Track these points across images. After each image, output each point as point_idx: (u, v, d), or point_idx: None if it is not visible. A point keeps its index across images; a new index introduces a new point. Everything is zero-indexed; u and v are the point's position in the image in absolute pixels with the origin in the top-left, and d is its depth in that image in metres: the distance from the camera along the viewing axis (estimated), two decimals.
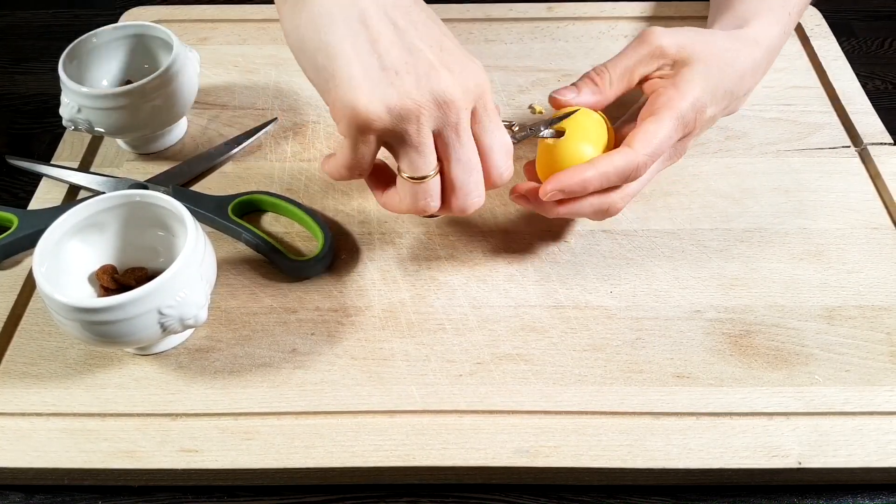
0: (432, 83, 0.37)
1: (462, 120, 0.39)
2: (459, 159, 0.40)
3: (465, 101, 0.38)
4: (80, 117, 0.51)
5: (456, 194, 0.41)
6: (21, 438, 0.41)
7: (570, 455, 0.40)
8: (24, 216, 0.50)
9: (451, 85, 0.38)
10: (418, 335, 0.46)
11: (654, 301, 0.47)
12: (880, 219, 0.52)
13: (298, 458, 0.41)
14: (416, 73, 0.37)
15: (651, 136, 0.43)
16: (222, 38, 0.66)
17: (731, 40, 0.47)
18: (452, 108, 0.38)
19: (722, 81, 0.46)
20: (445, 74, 0.38)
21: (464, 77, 0.38)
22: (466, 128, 0.39)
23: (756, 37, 0.48)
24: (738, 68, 0.47)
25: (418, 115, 0.37)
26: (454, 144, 0.39)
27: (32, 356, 0.45)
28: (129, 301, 0.39)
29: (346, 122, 0.38)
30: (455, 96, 0.38)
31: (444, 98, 0.37)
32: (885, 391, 0.43)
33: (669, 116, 0.43)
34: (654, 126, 0.43)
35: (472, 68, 0.39)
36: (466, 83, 0.38)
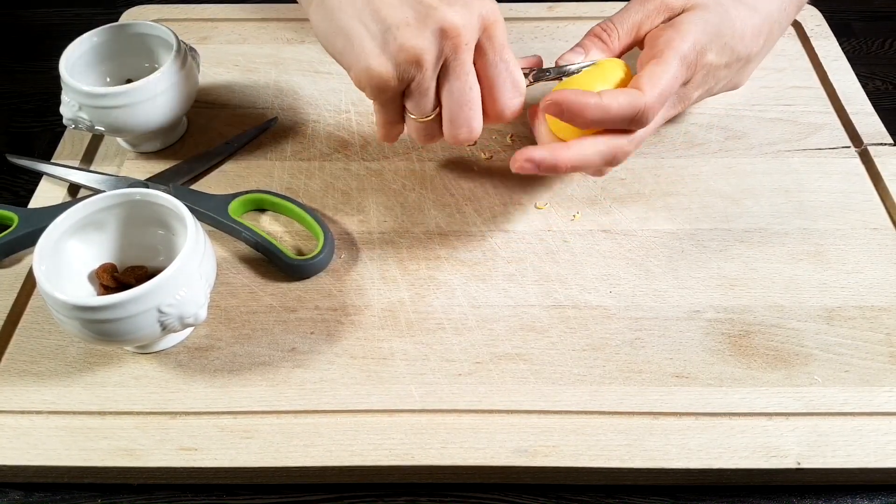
0: (430, 21, 0.40)
1: (460, 51, 0.41)
2: (451, 92, 0.42)
3: (467, 32, 0.40)
4: (80, 116, 0.51)
5: (448, 126, 0.43)
6: (21, 436, 0.41)
7: (569, 455, 0.40)
8: (25, 214, 0.50)
9: (450, 16, 0.40)
10: (417, 334, 0.46)
11: (654, 301, 0.47)
12: (880, 219, 0.52)
13: (297, 456, 0.41)
14: (415, 21, 0.40)
15: (657, 77, 0.42)
16: (223, 37, 0.66)
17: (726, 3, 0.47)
18: (450, 38, 0.40)
19: (721, 29, 0.45)
20: (444, 9, 0.40)
21: (467, 9, 0.40)
22: (465, 60, 0.41)
23: (755, 4, 0.48)
24: (738, 26, 0.46)
25: (419, 60, 0.40)
26: (449, 78, 0.42)
27: (32, 354, 0.45)
28: (128, 299, 0.39)
29: (367, 89, 0.42)
30: (455, 26, 0.40)
31: (443, 29, 0.40)
32: (884, 392, 0.43)
33: (673, 56, 0.43)
34: (659, 68, 0.43)
35: (477, 2, 0.41)
36: (469, 15, 0.40)
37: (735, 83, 0.51)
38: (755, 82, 0.61)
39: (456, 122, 0.43)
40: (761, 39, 0.48)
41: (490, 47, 0.42)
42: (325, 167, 0.56)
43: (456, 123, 0.43)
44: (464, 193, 0.54)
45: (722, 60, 0.46)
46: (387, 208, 0.53)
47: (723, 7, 0.46)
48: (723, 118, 0.59)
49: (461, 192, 0.54)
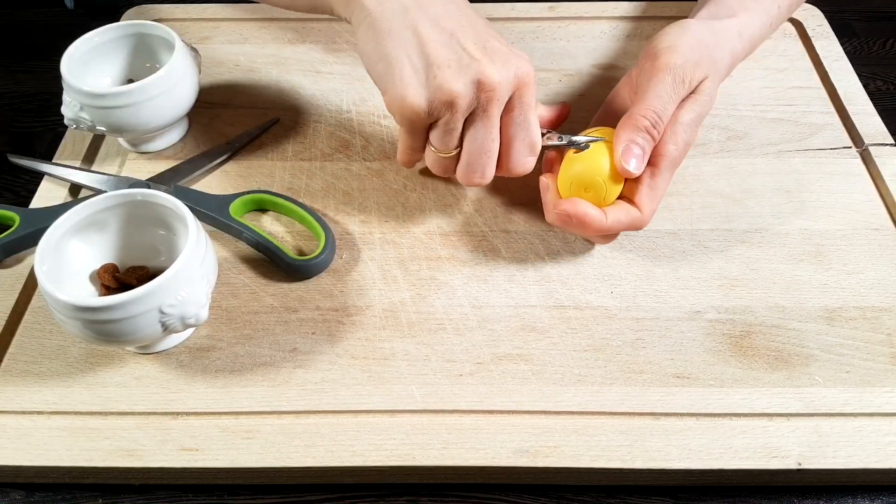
0: (471, 72, 0.42)
1: (492, 105, 0.43)
2: (475, 139, 0.45)
3: (503, 88, 0.43)
4: (81, 116, 0.51)
5: (462, 168, 0.46)
6: (22, 436, 0.41)
7: (570, 455, 0.40)
8: (26, 215, 0.50)
9: (490, 71, 0.42)
10: (419, 335, 0.46)
11: (655, 301, 0.47)
12: (881, 220, 0.52)
13: (299, 457, 0.41)
14: (458, 65, 0.42)
15: (654, 193, 0.46)
16: (223, 37, 0.66)
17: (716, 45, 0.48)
18: (486, 91, 0.42)
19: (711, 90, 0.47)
20: (486, 62, 0.42)
21: (506, 67, 0.43)
22: (493, 114, 0.44)
23: (740, 29, 0.49)
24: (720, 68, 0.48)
25: (453, 103, 0.42)
26: (476, 125, 0.44)
27: (34, 354, 0.45)
28: (130, 300, 0.39)
29: (398, 115, 0.44)
30: (492, 81, 0.42)
31: (480, 81, 0.42)
32: (885, 392, 0.43)
33: (665, 165, 0.45)
34: (654, 181, 0.45)
35: (516, 61, 0.43)
36: (507, 72, 0.43)
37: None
38: (756, 82, 0.61)
39: (472, 167, 0.46)
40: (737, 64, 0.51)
41: (518, 106, 0.44)
42: (326, 167, 0.56)
43: (472, 168, 0.46)
44: (465, 194, 0.54)
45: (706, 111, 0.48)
46: (388, 208, 0.53)
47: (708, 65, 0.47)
48: (724, 118, 0.59)
49: (462, 193, 0.54)
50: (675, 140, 0.45)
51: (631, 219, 0.45)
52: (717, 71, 0.47)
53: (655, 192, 0.46)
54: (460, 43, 0.43)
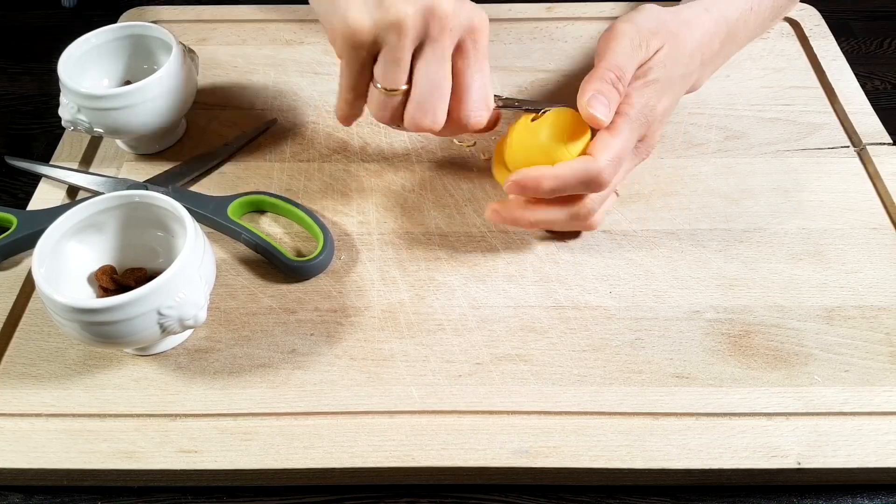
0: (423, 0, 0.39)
1: (444, 38, 0.41)
2: (426, 74, 0.42)
3: (455, 19, 0.40)
4: (79, 118, 0.51)
5: (412, 107, 0.42)
6: (20, 439, 0.41)
7: (570, 455, 0.40)
8: (24, 216, 0.50)
9: (443, 2, 0.39)
10: (417, 335, 0.46)
11: (654, 301, 0.47)
12: (879, 219, 0.52)
13: (298, 458, 0.41)
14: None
15: (608, 144, 0.43)
16: (221, 38, 0.66)
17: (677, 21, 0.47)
18: (437, 21, 0.40)
19: (672, 72, 0.46)
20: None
21: (459, 4, 0.40)
22: (446, 45, 0.41)
23: (707, 5, 0.48)
24: (686, 50, 0.46)
25: (400, 26, 0.39)
26: (428, 57, 0.41)
27: (32, 357, 0.45)
28: (128, 302, 0.39)
29: (339, 41, 0.41)
30: (444, 11, 0.40)
31: (431, 10, 0.39)
32: (884, 391, 0.43)
33: (623, 122, 0.44)
34: (610, 135, 0.44)
35: (472, 5, 0.41)
36: (460, 8, 0.40)
37: (693, 89, 0.51)
38: (754, 82, 0.61)
39: (423, 106, 0.42)
40: (716, 42, 0.48)
41: (473, 50, 0.42)
42: (324, 168, 0.56)
43: (423, 107, 0.42)
44: (463, 194, 0.53)
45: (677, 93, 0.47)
46: (386, 209, 0.53)
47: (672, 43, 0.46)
48: (722, 118, 0.59)
49: (461, 193, 0.54)
50: (631, 101, 0.44)
51: (584, 166, 0.43)
52: (678, 44, 0.46)
53: (611, 145, 0.43)
54: None
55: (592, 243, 0.50)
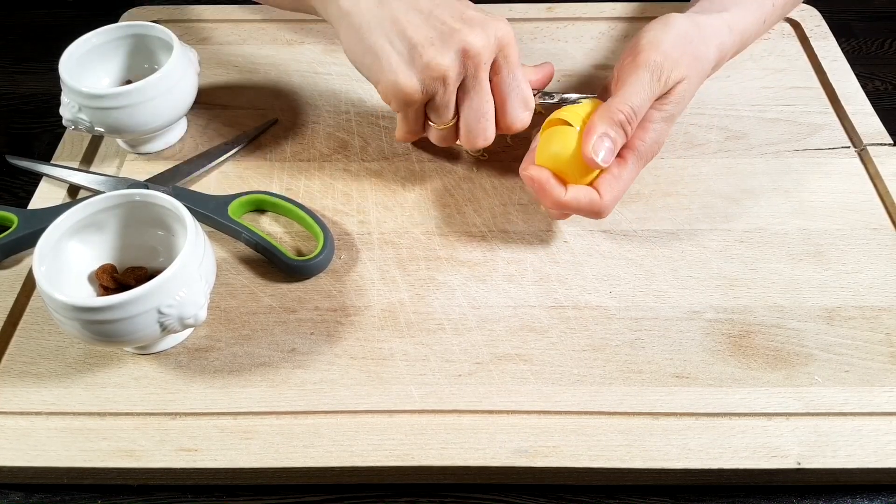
0: (454, 42, 0.44)
1: (480, 70, 0.45)
2: (471, 106, 0.47)
3: (487, 52, 0.45)
4: (80, 117, 0.51)
5: (464, 135, 0.48)
6: (21, 437, 0.41)
7: (569, 455, 0.40)
8: (24, 215, 0.50)
9: (472, 38, 0.44)
10: (417, 335, 0.46)
11: (654, 301, 0.47)
12: (880, 219, 0.52)
13: (297, 457, 0.41)
14: (440, 41, 0.44)
15: (614, 183, 0.46)
16: (222, 38, 0.66)
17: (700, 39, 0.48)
18: (472, 58, 0.44)
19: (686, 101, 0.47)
20: (466, 31, 0.44)
21: (486, 31, 0.45)
22: (483, 78, 0.46)
23: (731, 23, 0.50)
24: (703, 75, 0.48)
25: (444, 77, 0.45)
26: (469, 93, 0.46)
27: (32, 355, 0.45)
28: (128, 300, 0.39)
29: (394, 101, 0.47)
30: (475, 47, 0.44)
31: (465, 49, 0.44)
32: (884, 392, 0.43)
33: (631, 157, 0.46)
34: (618, 169, 0.46)
35: (494, 24, 0.45)
36: (488, 36, 0.45)
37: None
38: (755, 82, 0.61)
39: (474, 132, 0.48)
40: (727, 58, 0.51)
41: (505, 66, 0.46)
42: (324, 168, 0.56)
43: (474, 133, 0.48)
44: (463, 194, 0.54)
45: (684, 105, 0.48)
46: (386, 209, 0.53)
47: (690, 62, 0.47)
48: (722, 118, 0.59)
49: (461, 193, 0.54)
50: (644, 137, 0.46)
51: (589, 200, 0.45)
52: (700, 70, 0.47)
53: (618, 181, 0.46)
54: (438, 19, 0.45)
55: (592, 243, 0.50)
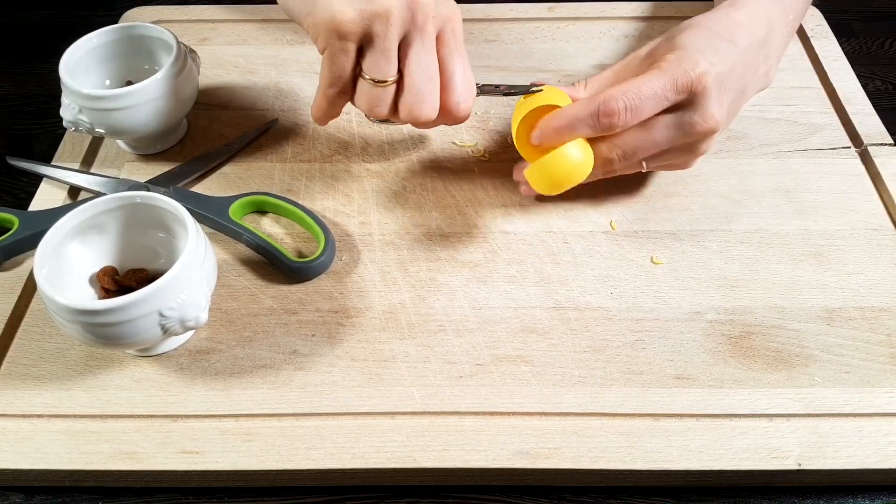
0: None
1: (428, 27, 0.42)
2: (420, 61, 0.42)
3: (435, 11, 0.41)
4: (80, 118, 0.51)
5: (409, 98, 0.43)
6: (22, 440, 0.41)
7: (571, 456, 0.40)
8: (25, 217, 0.50)
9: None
10: (419, 336, 0.46)
11: (654, 302, 0.47)
12: (881, 220, 0.52)
13: (299, 459, 0.41)
14: None
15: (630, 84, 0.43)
16: (222, 38, 0.66)
17: (703, 15, 0.48)
18: (420, 10, 0.41)
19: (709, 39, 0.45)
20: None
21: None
22: (431, 33, 0.42)
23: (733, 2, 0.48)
24: (721, 27, 0.46)
25: (387, 16, 0.40)
26: (417, 46, 0.42)
27: (33, 357, 0.45)
28: (129, 303, 0.39)
29: (324, 33, 0.41)
30: (426, 1, 0.41)
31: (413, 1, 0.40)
32: (885, 393, 0.43)
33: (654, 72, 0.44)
34: (637, 79, 0.44)
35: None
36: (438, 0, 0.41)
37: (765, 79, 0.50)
38: None
39: (420, 96, 0.43)
40: (762, 28, 0.47)
41: (452, 39, 0.43)
42: (325, 169, 0.56)
43: (420, 96, 0.43)
44: (464, 195, 0.54)
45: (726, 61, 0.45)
46: (387, 210, 0.53)
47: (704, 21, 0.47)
48: None
49: (462, 194, 0.54)
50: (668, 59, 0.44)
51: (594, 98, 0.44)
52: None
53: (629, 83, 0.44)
54: None
55: (593, 244, 0.50)
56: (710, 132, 0.45)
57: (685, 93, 0.44)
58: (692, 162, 0.49)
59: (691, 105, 0.44)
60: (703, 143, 0.46)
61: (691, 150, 0.47)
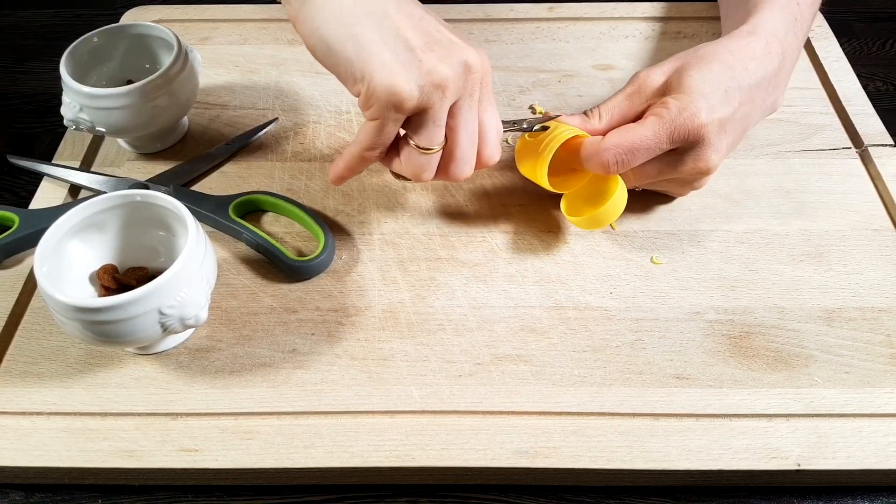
0: (455, 53, 0.40)
1: (476, 92, 0.42)
2: (467, 128, 0.42)
3: (482, 72, 0.41)
4: (81, 117, 0.51)
5: (455, 162, 0.43)
6: (22, 437, 0.41)
7: (570, 456, 0.40)
8: (25, 215, 0.50)
9: (471, 54, 0.41)
10: (418, 335, 0.46)
11: (654, 302, 0.47)
12: (881, 220, 0.52)
13: (298, 457, 0.41)
14: (438, 48, 0.40)
15: (623, 130, 0.44)
16: (223, 37, 0.66)
17: (722, 41, 0.47)
18: (472, 75, 0.41)
19: (719, 78, 0.45)
20: (464, 46, 0.41)
21: (478, 51, 0.41)
22: (476, 98, 0.42)
23: (752, 28, 0.48)
24: (737, 59, 0.46)
25: (444, 87, 0.40)
26: (466, 114, 0.42)
27: (33, 355, 0.45)
28: (129, 301, 0.39)
29: (380, 105, 0.40)
30: (476, 64, 0.41)
31: (467, 64, 0.40)
32: (884, 393, 0.43)
33: (652, 119, 0.44)
34: (632, 130, 0.44)
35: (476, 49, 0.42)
36: (481, 56, 0.41)
37: (771, 109, 0.50)
38: None
39: (464, 158, 0.43)
40: (776, 58, 0.47)
41: (487, 93, 0.43)
42: (325, 168, 0.56)
43: (464, 159, 0.43)
44: (464, 194, 0.54)
45: (732, 103, 0.45)
46: (387, 209, 0.53)
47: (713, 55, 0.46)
48: None
49: (461, 193, 0.54)
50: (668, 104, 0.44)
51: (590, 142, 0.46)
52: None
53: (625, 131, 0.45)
54: (432, 27, 0.41)
55: (593, 243, 0.50)
56: (703, 174, 0.46)
57: (681, 142, 0.44)
58: (686, 192, 0.51)
59: (687, 150, 0.45)
60: (697, 182, 0.48)
61: (685, 185, 0.49)
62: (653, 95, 0.47)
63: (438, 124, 0.41)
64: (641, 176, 0.47)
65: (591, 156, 0.45)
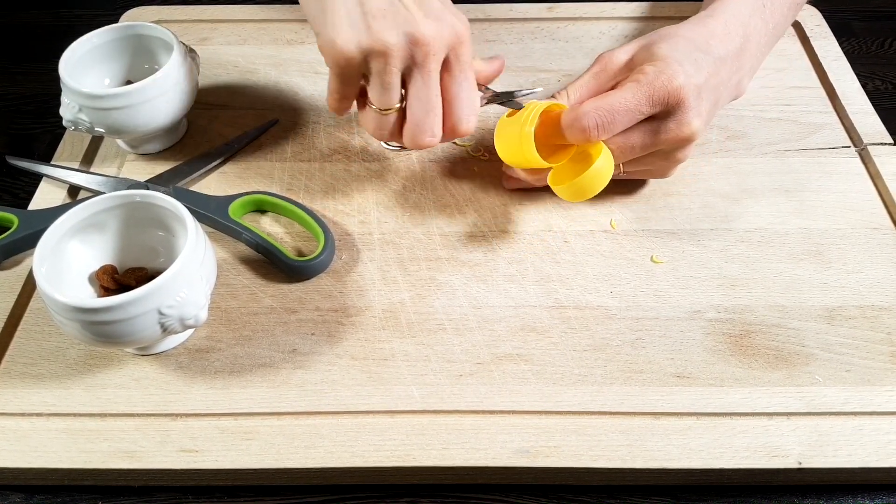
0: (406, 26, 0.42)
1: (429, 63, 0.43)
2: (419, 98, 0.44)
3: (437, 46, 0.43)
4: (80, 117, 0.51)
5: (409, 128, 0.45)
6: (21, 439, 0.41)
7: (571, 455, 0.40)
8: (25, 216, 0.50)
9: (425, 29, 0.42)
10: (418, 335, 0.46)
11: (655, 301, 0.47)
12: (880, 219, 0.52)
13: (298, 458, 0.41)
14: (393, 18, 0.42)
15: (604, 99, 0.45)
16: (222, 38, 0.66)
17: (681, 24, 0.49)
18: (421, 49, 0.42)
19: (686, 48, 0.46)
20: (421, 19, 0.42)
21: (440, 25, 0.43)
22: (432, 70, 0.43)
23: (711, 13, 0.49)
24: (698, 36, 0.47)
25: (386, 55, 0.42)
26: (417, 83, 0.44)
27: (32, 356, 0.45)
28: (129, 301, 0.39)
29: (327, 58, 0.44)
30: (426, 39, 0.42)
31: (414, 39, 0.42)
32: (885, 391, 0.43)
33: (630, 84, 0.45)
34: (612, 94, 0.45)
35: (451, 20, 0.43)
36: (441, 30, 0.43)
37: (737, 90, 0.51)
38: (755, 82, 0.61)
39: (421, 127, 0.45)
40: (737, 39, 0.49)
41: (456, 64, 0.44)
42: (325, 168, 0.56)
43: (421, 128, 0.45)
44: (464, 194, 0.54)
45: (704, 70, 0.46)
46: (387, 209, 0.53)
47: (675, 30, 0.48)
48: (723, 118, 0.59)
49: (461, 193, 0.54)
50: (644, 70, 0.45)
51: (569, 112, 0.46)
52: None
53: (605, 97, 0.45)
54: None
55: (593, 243, 0.50)
56: (687, 140, 0.46)
57: (661, 105, 0.45)
58: (671, 170, 0.50)
59: (668, 115, 0.45)
60: (681, 151, 0.48)
61: (669, 158, 0.48)
62: (619, 72, 0.48)
63: (387, 88, 0.44)
64: (626, 150, 0.47)
65: (571, 122, 0.46)
